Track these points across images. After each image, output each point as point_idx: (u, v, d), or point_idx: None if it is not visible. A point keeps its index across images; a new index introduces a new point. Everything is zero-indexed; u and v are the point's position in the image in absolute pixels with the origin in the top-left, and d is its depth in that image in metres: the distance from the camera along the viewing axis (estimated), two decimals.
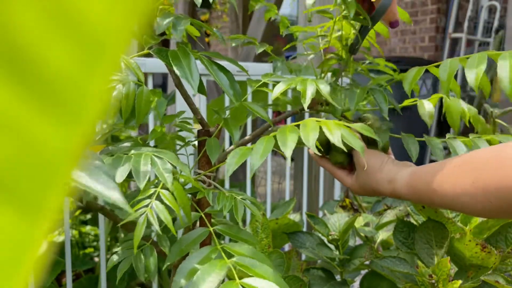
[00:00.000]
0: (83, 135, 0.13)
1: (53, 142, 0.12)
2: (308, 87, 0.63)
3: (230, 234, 0.62)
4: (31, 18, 0.11)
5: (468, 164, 0.55)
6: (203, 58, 0.64)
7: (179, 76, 0.62)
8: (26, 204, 0.12)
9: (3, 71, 0.11)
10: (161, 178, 0.54)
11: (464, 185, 0.54)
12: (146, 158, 0.55)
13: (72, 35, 0.12)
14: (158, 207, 0.55)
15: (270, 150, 0.54)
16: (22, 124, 0.12)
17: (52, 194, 0.13)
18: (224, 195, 0.62)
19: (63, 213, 0.94)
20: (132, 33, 0.13)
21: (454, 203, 0.57)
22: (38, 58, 0.11)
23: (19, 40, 0.11)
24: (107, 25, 0.12)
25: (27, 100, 0.12)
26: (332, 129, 0.54)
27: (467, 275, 0.74)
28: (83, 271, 1.61)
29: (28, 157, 0.12)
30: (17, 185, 0.12)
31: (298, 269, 0.90)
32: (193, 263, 0.55)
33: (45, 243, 0.13)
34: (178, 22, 0.61)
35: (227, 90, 0.64)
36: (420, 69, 0.71)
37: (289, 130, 0.55)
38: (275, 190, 2.77)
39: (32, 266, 0.13)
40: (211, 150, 0.67)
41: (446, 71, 0.65)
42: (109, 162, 0.54)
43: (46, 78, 0.12)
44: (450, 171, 0.57)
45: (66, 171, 0.13)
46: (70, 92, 0.12)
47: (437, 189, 0.58)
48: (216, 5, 4.70)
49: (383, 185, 0.66)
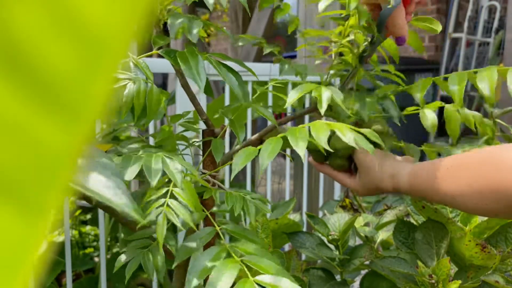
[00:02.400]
0: (84, 135, 0.13)
1: (53, 142, 0.12)
2: (324, 93, 0.66)
3: (236, 233, 0.63)
4: (32, 18, 0.11)
5: (464, 165, 0.56)
6: (212, 59, 0.65)
7: (185, 77, 0.62)
8: (26, 204, 0.12)
9: (4, 71, 0.11)
10: (172, 177, 0.55)
11: (461, 186, 0.55)
12: (157, 158, 0.56)
13: (73, 35, 0.12)
14: (173, 204, 0.56)
15: (278, 151, 0.56)
16: (23, 124, 0.12)
17: (52, 194, 0.13)
18: (232, 195, 0.63)
19: (63, 213, 0.94)
20: (132, 33, 0.13)
21: (454, 203, 0.58)
22: (38, 58, 0.11)
23: (20, 40, 0.11)
24: (107, 25, 0.12)
25: (27, 100, 0.12)
26: (344, 131, 0.57)
27: (467, 275, 0.74)
28: (83, 271, 1.61)
29: (28, 157, 0.12)
30: (17, 185, 0.12)
31: (298, 269, 0.90)
32: (203, 262, 0.55)
33: (45, 243, 0.13)
34: (191, 25, 0.62)
35: (237, 91, 0.66)
36: (427, 80, 0.72)
37: (299, 131, 0.57)
38: (275, 190, 2.77)
39: (32, 266, 0.13)
40: (216, 150, 0.68)
41: (455, 86, 0.67)
42: (119, 161, 0.55)
43: (46, 78, 0.12)
44: (448, 172, 0.58)
45: (67, 171, 0.13)
46: (71, 92, 0.12)
47: (436, 189, 0.59)
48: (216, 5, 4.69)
49: (385, 180, 0.67)
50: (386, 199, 1.15)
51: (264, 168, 0.54)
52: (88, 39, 0.12)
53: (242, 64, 0.71)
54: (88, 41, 0.12)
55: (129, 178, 0.53)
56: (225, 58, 0.69)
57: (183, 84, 0.71)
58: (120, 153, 0.59)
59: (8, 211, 0.12)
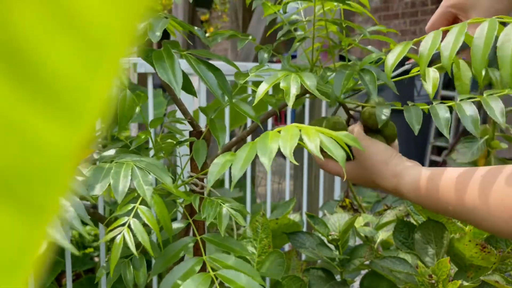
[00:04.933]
0: (84, 135, 0.13)
1: (53, 142, 0.12)
2: (292, 84, 0.58)
3: (216, 243, 0.60)
4: (32, 19, 0.11)
5: (486, 179, 0.52)
6: (189, 57, 0.61)
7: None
8: (26, 204, 0.12)
9: (4, 72, 0.11)
10: (141, 192, 0.52)
11: (481, 201, 0.51)
12: (127, 169, 0.53)
13: (73, 35, 0.12)
14: (135, 225, 0.54)
15: (253, 158, 0.49)
16: (23, 124, 0.12)
17: (52, 194, 0.13)
18: (211, 202, 0.60)
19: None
20: (133, 33, 0.13)
21: (471, 217, 0.54)
22: (39, 58, 0.12)
23: (20, 40, 0.11)
24: (108, 26, 0.12)
25: (27, 100, 0.12)
26: (311, 136, 0.48)
27: (467, 275, 0.74)
28: (83, 271, 1.61)
29: (28, 157, 0.12)
30: (17, 185, 0.12)
31: (298, 269, 0.90)
32: (177, 275, 0.53)
33: (45, 243, 0.13)
34: (156, 24, 0.57)
35: (214, 90, 0.61)
36: (407, 43, 0.61)
37: (271, 138, 0.50)
38: (275, 190, 2.77)
39: (32, 266, 0.13)
40: (197, 154, 0.65)
41: (427, 46, 0.56)
42: (90, 173, 0.52)
43: (47, 79, 0.12)
44: (469, 184, 0.53)
45: (67, 171, 0.13)
46: (71, 92, 0.12)
47: (460, 199, 0.54)
48: (216, 5, 4.69)
49: (386, 178, 0.63)
50: (386, 199, 1.15)
51: (236, 180, 0.48)
52: (89, 39, 0.12)
53: (228, 60, 0.68)
54: (88, 41, 0.12)
55: (98, 193, 0.51)
56: (209, 55, 0.65)
57: (164, 84, 0.68)
58: (97, 160, 0.57)
59: (8, 211, 0.12)
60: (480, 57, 0.50)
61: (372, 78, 0.64)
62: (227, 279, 0.52)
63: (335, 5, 0.72)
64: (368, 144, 0.66)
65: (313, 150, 0.47)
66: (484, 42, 0.50)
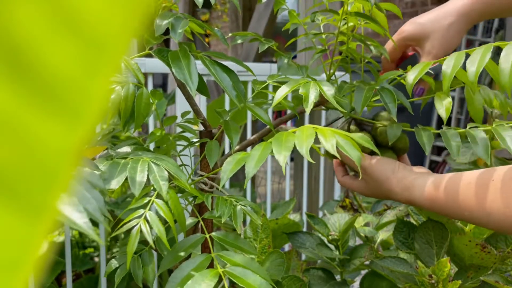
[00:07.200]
0: (84, 135, 0.13)
1: (53, 142, 0.12)
2: (311, 91, 0.60)
3: (225, 241, 0.61)
4: (32, 18, 0.11)
5: (498, 183, 0.53)
6: (204, 58, 0.62)
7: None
8: (26, 204, 0.12)
9: (4, 71, 0.11)
10: (157, 186, 0.53)
11: (496, 206, 0.52)
12: (143, 165, 0.54)
13: (73, 35, 0.12)
14: (151, 217, 0.54)
15: (266, 157, 0.52)
16: (23, 124, 0.12)
17: (52, 194, 0.13)
18: (224, 201, 0.60)
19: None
20: (133, 33, 0.13)
21: (487, 222, 0.54)
22: (38, 58, 0.12)
23: (20, 40, 0.11)
24: (108, 25, 0.12)
25: (27, 100, 0.12)
26: (327, 136, 0.51)
27: (467, 275, 0.74)
28: (83, 271, 1.61)
29: (28, 157, 0.12)
30: (17, 185, 0.12)
31: (298, 269, 0.90)
32: (186, 271, 0.54)
33: (45, 243, 0.13)
34: (177, 24, 0.59)
35: (229, 91, 0.62)
36: (427, 64, 0.66)
37: (286, 138, 0.52)
38: (275, 190, 2.77)
39: (32, 266, 0.13)
40: (210, 154, 0.66)
41: (451, 64, 0.61)
42: (106, 168, 0.53)
43: (46, 78, 0.12)
44: (482, 189, 0.54)
45: (67, 171, 0.13)
46: (71, 92, 0.12)
47: (480, 205, 0.55)
48: (217, 5, 4.69)
49: (396, 193, 0.64)
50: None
51: (250, 176, 0.50)
52: (89, 39, 0.12)
53: (240, 63, 0.69)
54: (88, 41, 0.12)
55: (115, 187, 0.52)
56: (224, 57, 0.67)
57: (179, 84, 0.70)
58: (111, 156, 0.58)
59: (8, 211, 0.12)
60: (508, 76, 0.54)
61: (392, 98, 0.67)
62: (235, 276, 0.52)
63: (358, 22, 0.75)
64: (373, 164, 0.67)
65: (329, 149, 0.50)
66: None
